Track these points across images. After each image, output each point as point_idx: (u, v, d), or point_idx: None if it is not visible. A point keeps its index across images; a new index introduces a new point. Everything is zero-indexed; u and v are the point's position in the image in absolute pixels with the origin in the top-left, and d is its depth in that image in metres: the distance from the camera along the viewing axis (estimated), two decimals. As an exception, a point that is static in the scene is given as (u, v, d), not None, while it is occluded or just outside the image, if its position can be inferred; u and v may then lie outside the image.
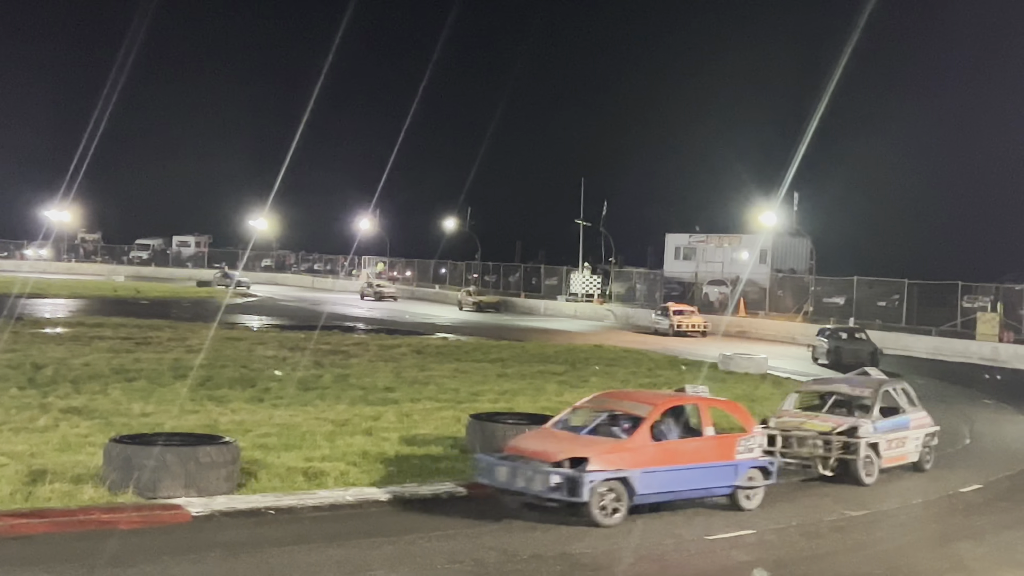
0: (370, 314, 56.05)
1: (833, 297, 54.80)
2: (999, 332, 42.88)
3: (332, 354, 30.27)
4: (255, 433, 16.99)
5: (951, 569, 11.99)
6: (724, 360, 31.51)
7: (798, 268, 63.79)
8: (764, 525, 13.62)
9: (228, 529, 12.12)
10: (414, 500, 13.79)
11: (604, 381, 26.74)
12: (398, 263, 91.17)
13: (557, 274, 72.21)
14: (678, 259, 69.06)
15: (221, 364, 26.21)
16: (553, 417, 15.39)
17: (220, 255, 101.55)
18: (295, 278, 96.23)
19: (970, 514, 14.97)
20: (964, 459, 19.45)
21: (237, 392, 21.74)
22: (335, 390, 22.71)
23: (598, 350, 36.48)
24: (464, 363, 29.66)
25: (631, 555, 11.94)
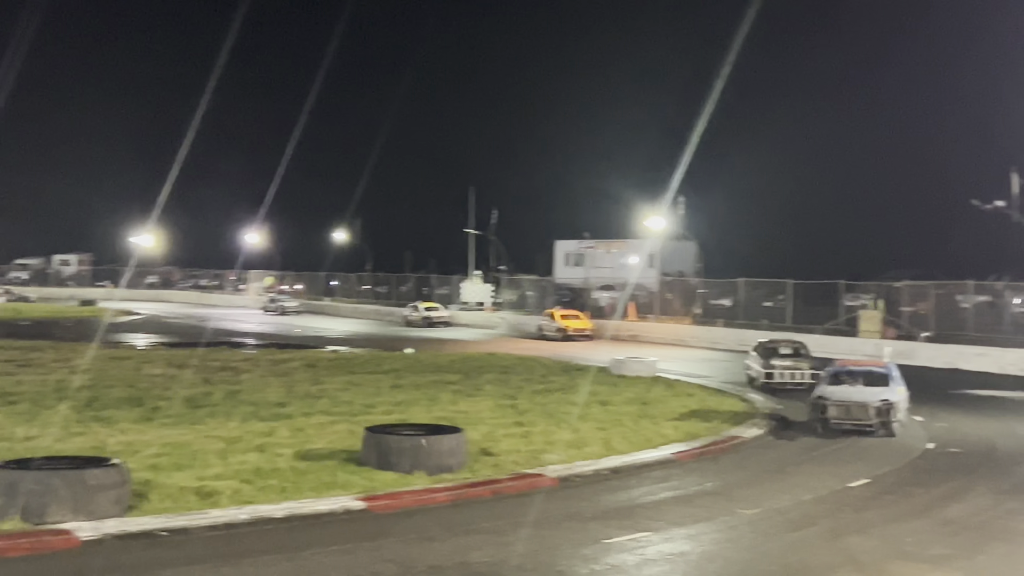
0: (259, 329, 55.38)
1: (720, 299, 55.67)
2: (881, 329, 43.97)
3: (222, 370, 29.83)
4: (144, 454, 16.65)
5: (843, 563, 12.24)
6: (616, 364, 31.79)
7: (685, 271, 64.71)
8: (660, 527, 13.75)
9: (120, 553, 11.84)
10: (310, 516, 13.63)
11: (499, 388, 26.81)
12: (287, 276, 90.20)
13: (448, 283, 72.22)
14: (568, 265, 69.62)
15: (107, 384, 25.66)
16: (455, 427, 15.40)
17: (103, 273, 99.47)
18: (181, 295, 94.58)
19: (859, 508, 15.31)
20: (852, 454, 19.89)
21: (125, 412, 21.30)
22: (226, 407, 22.38)
23: (491, 358, 36.54)
24: (357, 375, 29.47)
25: (531, 563, 11.95)
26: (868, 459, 19.19)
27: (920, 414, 24.94)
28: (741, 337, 47.62)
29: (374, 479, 15.39)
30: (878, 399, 21.86)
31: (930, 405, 26.73)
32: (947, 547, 12.95)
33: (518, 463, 17.22)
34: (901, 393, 22.68)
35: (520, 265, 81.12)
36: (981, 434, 22.45)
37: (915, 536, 13.51)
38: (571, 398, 25.09)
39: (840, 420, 21.95)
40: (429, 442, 16.15)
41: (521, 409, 23.20)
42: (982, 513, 15.02)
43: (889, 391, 22.32)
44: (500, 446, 18.42)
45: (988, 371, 36.54)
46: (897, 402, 22.01)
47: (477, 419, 21.29)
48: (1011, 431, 22.98)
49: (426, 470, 15.81)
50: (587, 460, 17.87)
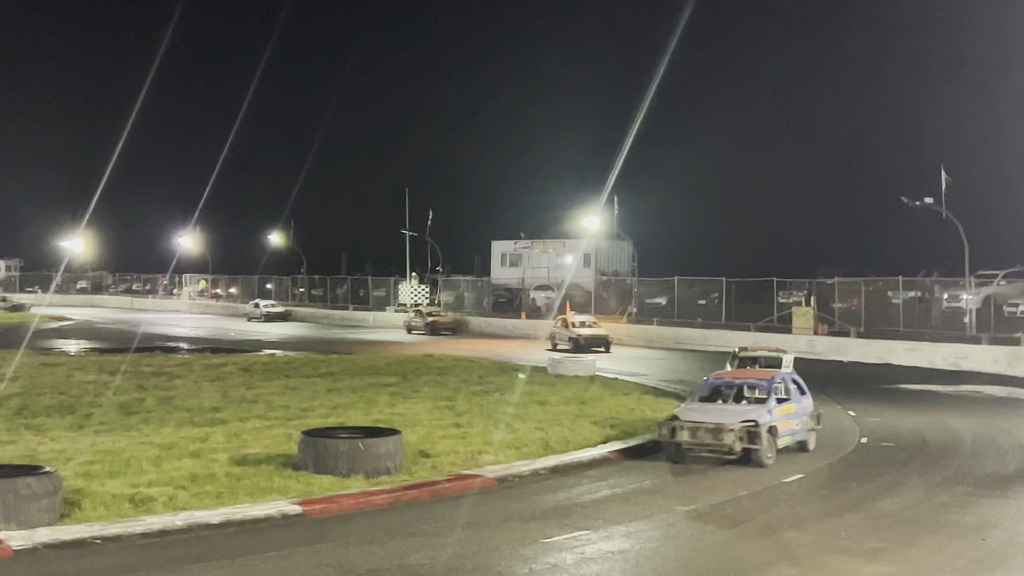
0: (193, 333, 54.83)
1: (656, 297, 56.05)
2: (814, 325, 44.52)
3: (155, 376, 29.49)
4: (77, 461, 16.40)
5: (779, 559, 12.35)
6: (553, 364, 31.87)
7: (621, 271, 65.08)
8: (599, 526, 13.80)
9: (53, 562, 11.66)
10: (247, 521, 13.50)
11: (436, 390, 26.76)
12: (221, 280, 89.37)
13: (385, 285, 71.97)
14: (505, 266, 69.69)
15: (38, 391, 25.27)
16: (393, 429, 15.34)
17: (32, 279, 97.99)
18: (113, 299, 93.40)
19: (794, 503, 15.47)
20: (786, 450, 20.08)
21: (56, 420, 20.99)
22: (159, 413, 22.13)
23: (429, 359, 36.47)
24: (293, 379, 29.27)
25: (469, 564, 11.94)
26: (802, 455, 19.39)
27: (852, 409, 25.31)
28: (676, 335, 48.07)
29: (311, 483, 15.30)
30: (740, 420, 18.21)
31: (862, 400, 27.13)
32: (881, 540, 13.12)
33: (456, 464, 17.21)
34: (787, 411, 19.18)
35: (457, 266, 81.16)
36: (912, 428, 22.79)
37: (849, 530, 13.68)
38: (509, 398, 25.12)
39: (692, 446, 18.39)
40: (366, 445, 16.09)
41: (459, 410, 23.17)
42: (915, 506, 15.24)
43: (758, 410, 18.70)
44: (438, 447, 18.39)
45: (918, 365, 37.14)
46: (767, 424, 18.22)
47: (415, 421, 21.24)
48: (942, 424, 23.34)
49: (364, 473, 15.74)
50: (525, 460, 17.88)
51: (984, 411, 25.97)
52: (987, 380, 32.65)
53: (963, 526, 13.99)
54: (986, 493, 16.07)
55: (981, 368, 35.55)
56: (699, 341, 46.20)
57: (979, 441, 21.20)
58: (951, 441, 21.20)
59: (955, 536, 13.45)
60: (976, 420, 24.10)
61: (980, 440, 21.31)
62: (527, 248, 69.58)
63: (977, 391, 30.24)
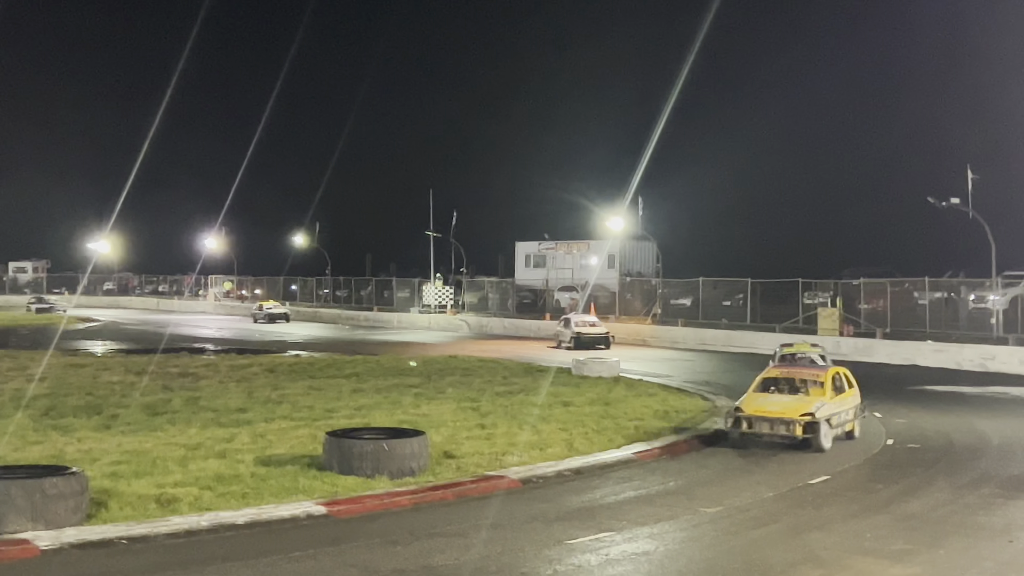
0: (219, 335, 55.06)
1: (680, 299, 55.93)
2: (839, 326, 44.32)
3: (181, 377, 29.63)
4: (104, 462, 16.50)
5: (803, 560, 12.31)
6: (577, 365, 31.84)
7: (645, 271, 64.95)
8: (623, 527, 13.79)
9: (79, 562, 11.74)
10: (272, 521, 13.56)
11: (461, 391, 26.78)
12: (246, 281, 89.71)
13: (409, 286, 72.04)
14: (529, 267, 69.69)
15: (65, 392, 25.43)
16: None
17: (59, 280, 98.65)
18: (139, 301, 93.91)
19: (819, 505, 15.41)
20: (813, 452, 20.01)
21: (83, 420, 21.11)
22: (185, 413, 22.23)
23: (453, 360, 36.51)
24: (318, 380, 29.35)
25: (494, 564, 11.95)
26: (828, 456, 19.32)
27: (879, 411, 25.17)
28: (701, 336, 47.95)
29: (336, 484, 15.34)
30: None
31: (888, 401, 26.98)
32: (907, 542, 13.07)
33: (480, 465, 17.22)
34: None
35: (481, 267, 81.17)
36: (939, 429, 22.66)
37: (875, 531, 13.62)
38: (533, 399, 25.11)
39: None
40: (391, 446, 16.12)
41: (483, 411, 23.19)
42: (941, 508, 15.16)
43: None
44: (462, 448, 18.41)
45: (945, 367, 36.93)
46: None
47: (439, 422, 21.26)
48: (968, 426, 23.21)
49: (388, 474, 15.77)
50: (549, 461, 17.88)
51: (1011, 412, 25.80)
52: (1014, 381, 32.43)
53: (990, 528, 13.91)
54: (1013, 495, 15.97)
55: (1008, 369, 35.33)
56: (724, 342, 46.08)
57: (1006, 443, 21.07)
58: (978, 442, 21.08)
59: (982, 538, 13.38)
60: (1003, 421, 23.95)
61: (1007, 442, 21.17)
62: (551, 249, 69.56)
63: (1004, 392, 30.04)
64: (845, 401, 21.13)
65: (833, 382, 21.15)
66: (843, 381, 21.61)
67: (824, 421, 19.77)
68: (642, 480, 17.12)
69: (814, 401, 20.17)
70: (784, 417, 19.82)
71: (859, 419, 21.75)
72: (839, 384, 21.37)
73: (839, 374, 21.75)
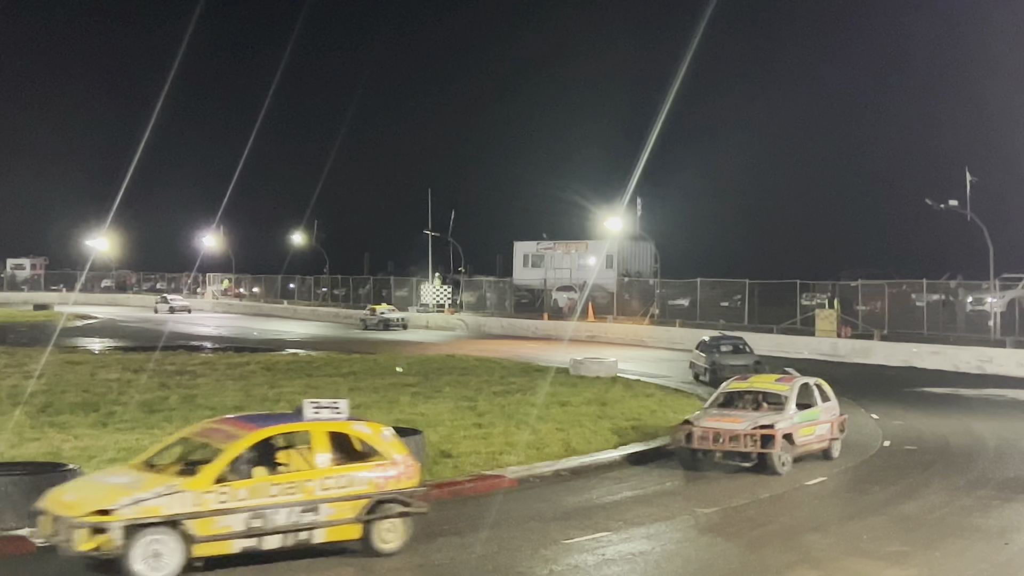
0: (216, 332, 55.03)
1: (678, 299, 55.92)
2: (837, 328, 44.32)
3: (178, 374, 29.61)
4: (100, 459, 16.49)
5: (799, 561, 12.33)
6: (575, 365, 31.84)
7: (643, 272, 64.96)
8: (619, 527, 13.79)
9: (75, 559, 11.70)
10: (268, 520, 13.52)
11: (458, 390, 26.77)
12: (244, 279, 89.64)
13: (407, 285, 71.99)
14: (527, 267, 69.68)
15: (62, 389, 25.41)
16: None
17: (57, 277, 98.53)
18: (137, 298, 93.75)
19: (815, 506, 15.44)
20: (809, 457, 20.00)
21: (80, 417, 21.10)
22: (182, 411, 22.21)
23: (451, 360, 36.49)
24: (315, 378, 29.33)
25: (490, 564, 11.96)
26: (823, 458, 19.30)
27: (875, 412, 25.20)
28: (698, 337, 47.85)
29: (333, 482, 15.28)
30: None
31: (885, 403, 27.00)
32: (903, 543, 13.08)
33: (477, 465, 17.22)
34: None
35: (479, 267, 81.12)
36: (936, 431, 22.67)
37: (871, 533, 13.64)
38: (530, 399, 25.10)
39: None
40: (388, 444, 16.08)
41: (480, 411, 23.18)
42: (937, 510, 15.18)
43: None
44: (459, 448, 18.41)
45: (942, 369, 36.92)
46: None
47: (436, 421, 21.25)
48: (965, 428, 23.22)
49: (385, 473, 15.72)
50: (546, 461, 17.89)
51: (1008, 415, 25.81)
52: (1012, 384, 32.42)
53: (986, 530, 13.93)
54: (1009, 497, 15.98)
55: (1006, 372, 35.32)
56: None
57: (1003, 445, 21.08)
58: (974, 445, 21.09)
59: (977, 540, 13.40)
60: (1000, 424, 23.96)
61: (1004, 444, 21.19)
62: (549, 249, 69.57)
63: (1001, 395, 30.05)
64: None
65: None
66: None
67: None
68: (639, 480, 17.14)
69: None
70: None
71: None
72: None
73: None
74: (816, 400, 19.25)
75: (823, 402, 19.40)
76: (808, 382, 19.65)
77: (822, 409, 19.17)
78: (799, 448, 18.06)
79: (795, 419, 18.18)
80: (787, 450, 17.65)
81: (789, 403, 18.49)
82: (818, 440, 18.82)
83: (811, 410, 18.91)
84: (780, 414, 18.20)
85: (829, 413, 19.35)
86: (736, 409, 18.93)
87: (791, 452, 17.77)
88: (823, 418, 19.07)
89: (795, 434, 17.87)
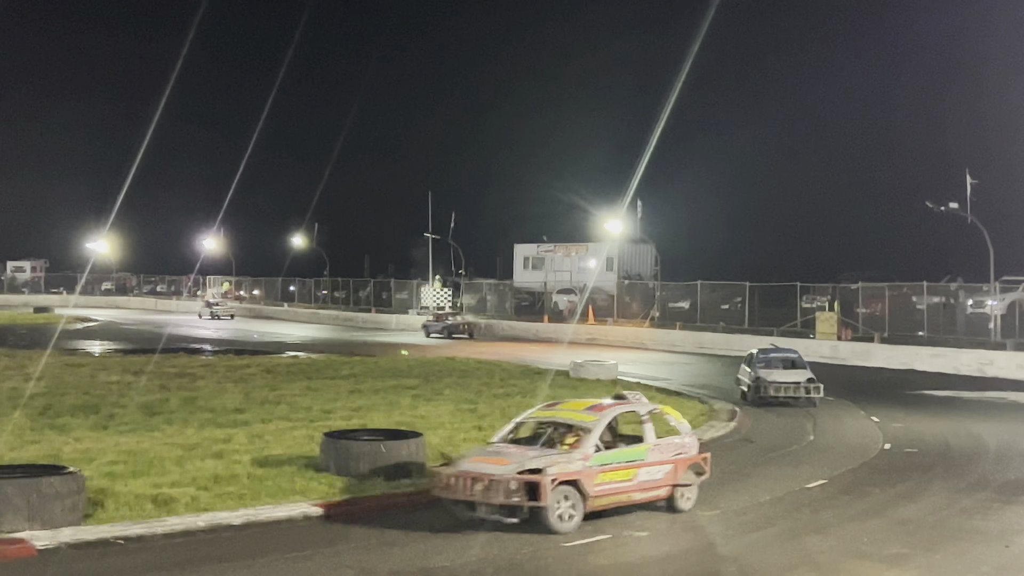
0: (216, 335, 55.03)
1: (678, 302, 55.93)
2: (837, 330, 44.32)
3: (178, 377, 29.61)
4: (100, 461, 16.50)
5: (800, 564, 12.32)
6: (575, 367, 31.84)
7: (644, 274, 64.94)
8: (619, 530, 13.78)
9: (76, 561, 11.75)
10: (268, 522, 13.56)
11: (458, 392, 26.77)
12: (245, 282, 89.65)
13: (408, 288, 71.99)
14: (527, 269, 69.68)
15: (62, 392, 25.41)
16: None
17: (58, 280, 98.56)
18: (137, 301, 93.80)
19: (816, 509, 15.41)
20: (809, 455, 20.04)
21: (80, 420, 21.10)
22: (183, 413, 22.22)
23: (451, 362, 36.49)
24: (316, 381, 29.34)
25: (490, 567, 11.96)
26: (825, 460, 19.32)
27: (876, 415, 25.20)
28: (699, 340, 47.95)
29: (333, 485, 15.33)
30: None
31: (886, 406, 27.01)
32: (903, 546, 13.07)
33: (478, 467, 17.18)
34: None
35: (479, 269, 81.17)
36: (936, 434, 22.67)
37: (872, 535, 13.63)
38: (531, 402, 25.05)
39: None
40: (388, 447, 16.12)
41: (481, 413, 23.18)
42: (937, 512, 15.17)
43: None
44: (460, 450, 18.29)
45: (943, 371, 36.94)
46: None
47: (437, 423, 21.25)
48: (966, 431, 23.21)
49: (385, 475, 15.76)
50: (547, 463, 17.82)
51: (1009, 417, 25.81)
52: (1012, 386, 32.44)
53: (986, 532, 13.92)
54: (1010, 499, 15.98)
55: (1006, 374, 35.34)
56: (722, 346, 46.07)
57: (1003, 447, 21.07)
58: (975, 447, 21.08)
59: (978, 542, 13.39)
60: (1000, 426, 23.95)
61: (1004, 446, 21.18)
62: (550, 251, 69.56)
63: (1002, 397, 30.06)
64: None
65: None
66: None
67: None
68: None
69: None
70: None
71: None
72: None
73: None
74: (647, 435, 15.03)
75: (663, 438, 15.27)
76: (639, 410, 15.46)
77: (654, 447, 14.89)
78: (602, 499, 13.98)
79: (590, 461, 13.92)
80: (576, 502, 13.59)
81: (588, 439, 14.24)
82: (643, 487, 14.56)
83: (629, 449, 14.77)
84: (569, 453, 14.12)
85: (668, 451, 15.04)
86: (529, 445, 14.72)
87: (584, 504, 13.66)
88: (654, 458, 14.73)
89: (587, 480, 13.70)
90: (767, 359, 28.34)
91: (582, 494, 13.67)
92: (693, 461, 15.33)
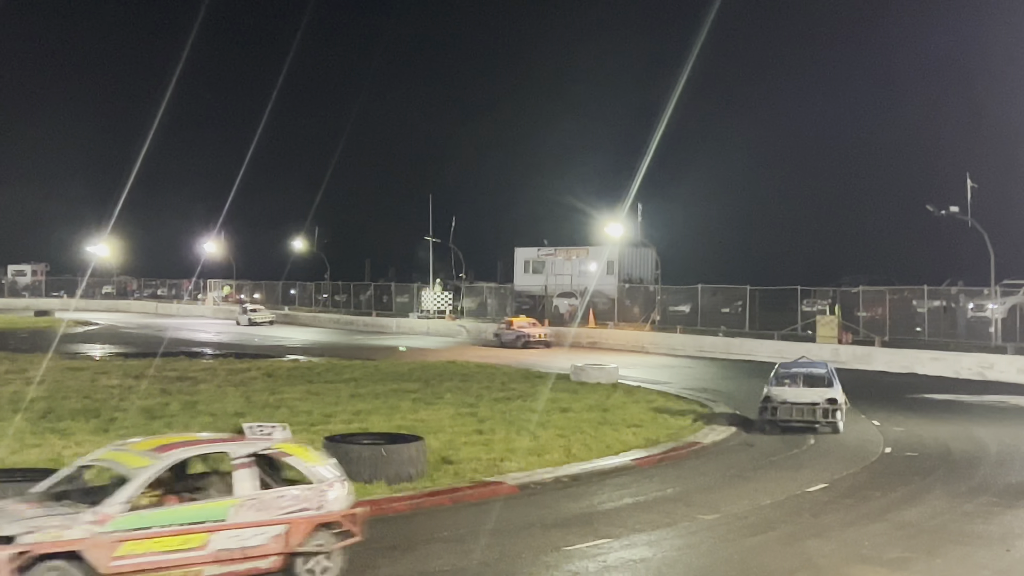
0: (217, 339, 55.03)
1: (679, 305, 55.83)
2: (838, 334, 44.28)
3: (179, 380, 29.63)
4: (101, 465, 16.47)
5: (801, 567, 12.32)
6: (576, 371, 31.83)
7: (644, 278, 64.90)
8: (620, 534, 13.79)
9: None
10: (269, 526, 13.51)
11: (459, 396, 26.78)
12: (245, 285, 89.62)
13: (408, 291, 71.93)
14: (527, 273, 69.60)
15: (63, 395, 25.43)
16: None
17: (58, 283, 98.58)
18: (138, 304, 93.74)
19: (817, 513, 15.41)
20: (810, 459, 20.04)
21: (81, 423, 21.12)
22: (183, 418, 22.23)
23: (451, 366, 36.49)
24: (316, 384, 29.35)
25: (491, 571, 11.95)
26: (825, 464, 19.33)
27: (876, 419, 25.18)
28: (699, 343, 47.90)
29: (334, 488, 15.29)
30: None
31: (887, 410, 26.98)
32: (904, 550, 13.07)
33: (478, 471, 17.22)
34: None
35: (480, 273, 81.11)
36: (937, 438, 22.66)
37: (872, 539, 13.63)
38: (531, 405, 25.11)
39: None
40: (389, 451, 16.13)
41: (481, 417, 23.19)
42: (938, 516, 15.17)
43: None
44: (460, 454, 18.41)
45: (943, 375, 36.91)
46: None
47: (437, 427, 21.26)
48: (966, 434, 23.20)
49: (386, 479, 15.78)
50: (547, 467, 17.89)
51: (1009, 421, 25.79)
52: (1013, 390, 32.43)
53: (987, 536, 13.92)
54: (1011, 503, 15.98)
55: (1007, 378, 35.31)
56: (723, 350, 46.06)
57: (1004, 451, 21.07)
58: (976, 451, 21.07)
59: (979, 546, 13.39)
60: (1001, 430, 23.94)
61: (1005, 450, 21.18)
62: (550, 255, 69.50)
63: (1002, 401, 30.04)
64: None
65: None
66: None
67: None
68: (640, 487, 17.12)
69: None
70: None
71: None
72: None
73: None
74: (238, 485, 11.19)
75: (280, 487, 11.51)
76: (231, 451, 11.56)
77: (245, 502, 11.10)
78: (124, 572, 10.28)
79: (109, 525, 10.31)
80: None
81: (119, 492, 10.62)
82: (224, 559, 10.83)
83: (197, 505, 11.02)
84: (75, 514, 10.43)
85: (277, 508, 11.26)
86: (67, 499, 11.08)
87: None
88: (245, 518, 11.02)
89: (97, 551, 10.14)
90: (789, 374, 24.53)
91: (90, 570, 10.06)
92: (327, 520, 11.47)
